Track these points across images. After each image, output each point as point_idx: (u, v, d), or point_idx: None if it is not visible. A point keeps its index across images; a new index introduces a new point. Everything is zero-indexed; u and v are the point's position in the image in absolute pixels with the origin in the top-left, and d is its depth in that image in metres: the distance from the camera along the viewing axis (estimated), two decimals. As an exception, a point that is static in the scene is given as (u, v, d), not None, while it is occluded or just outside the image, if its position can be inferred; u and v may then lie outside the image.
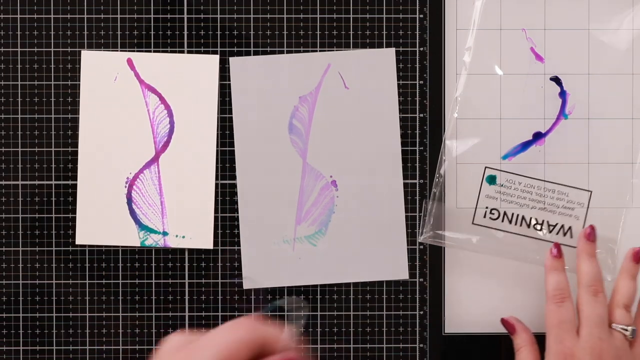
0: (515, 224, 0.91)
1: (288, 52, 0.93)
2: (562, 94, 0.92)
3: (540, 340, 0.88)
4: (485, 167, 0.91)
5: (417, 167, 0.92)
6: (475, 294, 0.93)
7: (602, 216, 0.91)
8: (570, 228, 0.91)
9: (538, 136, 0.91)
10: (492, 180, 0.91)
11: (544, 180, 0.91)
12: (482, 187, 0.91)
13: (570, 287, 0.87)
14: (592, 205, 0.91)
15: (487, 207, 0.91)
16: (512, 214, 0.91)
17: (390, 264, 0.92)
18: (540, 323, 0.92)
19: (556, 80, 0.92)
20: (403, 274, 0.93)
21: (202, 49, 0.93)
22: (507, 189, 0.91)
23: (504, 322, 0.91)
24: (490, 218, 0.91)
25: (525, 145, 0.91)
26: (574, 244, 0.91)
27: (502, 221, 0.91)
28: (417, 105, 0.93)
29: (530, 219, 0.91)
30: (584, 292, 0.86)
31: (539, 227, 0.91)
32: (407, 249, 0.93)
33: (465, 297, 0.93)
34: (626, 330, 0.85)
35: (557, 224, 0.91)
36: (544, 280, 0.89)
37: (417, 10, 0.93)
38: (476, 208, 0.91)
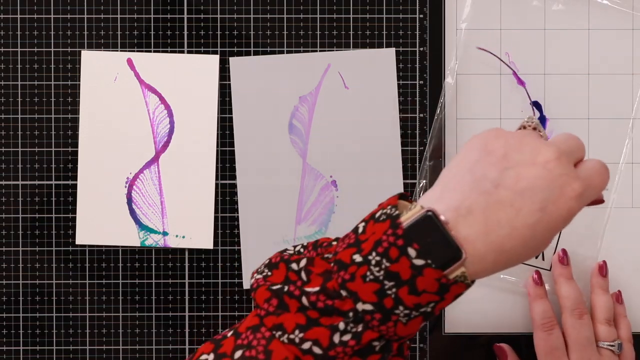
0: None
1: (288, 52, 0.93)
2: (542, 120, 0.92)
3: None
4: None
5: (417, 167, 0.92)
6: (475, 294, 0.93)
7: (579, 237, 0.92)
8: (542, 252, 0.92)
9: None
10: None
11: None
12: None
13: (555, 313, 0.90)
14: (569, 226, 0.92)
15: None
16: None
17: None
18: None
19: (536, 105, 0.92)
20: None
21: (202, 49, 0.93)
22: None
23: (496, 348, 0.92)
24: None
25: None
26: (546, 266, 0.92)
27: None
28: (417, 105, 0.93)
29: None
30: (569, 316, 0.89)
31: None
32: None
33: (466, 297, 0.93)
34: (613, 346, 0.88)
35: None
36: (548, 274, 0.91)
37: (417, 10, 0.93)
38: None
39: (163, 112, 0.93)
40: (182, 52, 0.93)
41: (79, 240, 0.93)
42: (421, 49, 0.93)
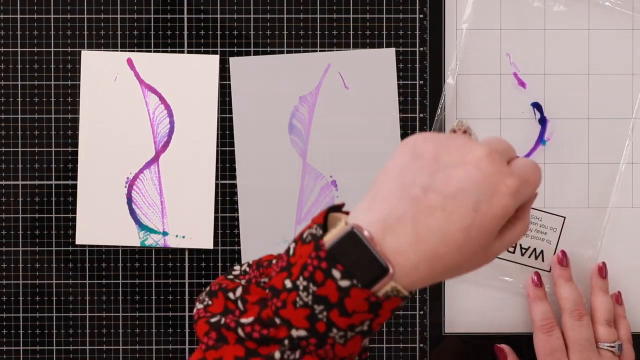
0: None
1: (288, 52, 0.93)
2: (542, 120, 0.92)
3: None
4: None
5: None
6: (475, 294, 0.93)
7: (579, 238, 0.93)
8: (542, 252, 0.92)
9: None
10: None
11: None
12: None
13: (555, 314, 0.90)
14: (569, 227, 0.92)
15: None
16: None
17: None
18: (540, 323, 0.93)
19: (537, 106, 0.92)
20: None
21: (202, 49, 0.93)
22: None
23: (496, 349, 0.92)
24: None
25: None
26: (546, 267, 0.92)
27: None
28: (417, 105, 0.93)
29: None
30: (569, 317, 0.89)
31: (511, 249, 0.92)
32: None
33: (466, 297, 0.93)
34: (613, 347, 0.88)
35: (529, 247, 0.92)
36: (547, 274, 0.91)
37: (417, 10, 0.93)
38: None
39: (163, 112, 0.93)
40: (182, 52, 0.93)
41: (79, 240, 0.93)
42: (421, 49, 0.93)
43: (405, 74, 0.93)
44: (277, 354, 0.60)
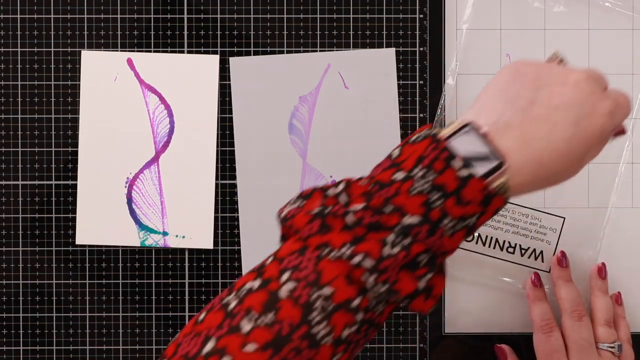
0: (489, 246, 0.92)
1: (288, 52, 0.93)
2: None
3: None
4: None
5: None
6: (475, 294, 0.93)
7: (578, 238, 0.93)
8: (541, 252, 0.92)
9: None
10: None
11: (519, 205, 0.92)
12: None
13: (554, 314, 0.90)
14: (569, 227, 0.92)
15: None
16: (487, 236, 0.92)
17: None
18: (540, 323, 0.93)
19: None
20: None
21: (202, 49, 0.93)
22: None
23: (496, 349, 0.92)
24: (464, 240, 0.92)
25: None
26: (545, 268, 0.92)
27: (477, 243, 0.92)
28: (417, 105, 0.93)
29: (504, 242, 0.92)
30: (568, 318, 0.89)
31: (511, 249, 0.92)
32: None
33: (465, 297, 0.93)
34: (612, 347, 0.88)
35: (529, 248, 0.92)
36: (547, 274, 0.91)
37: (417, 10, 0.93)
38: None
39: (163, 112, 0.93)
40: (182, 52, 0.93)
41: (79, 240, 0.93)
42: (421, 49, 0.93)
43: (405, 74, 0.93)
44: (390, 237, 0.62)
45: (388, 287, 0.62)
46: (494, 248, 0.92)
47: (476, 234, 0.92)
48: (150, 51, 0.93)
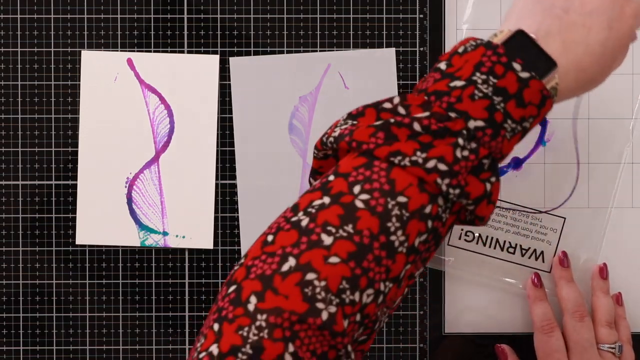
0: (490, 246, 0.92)
1: (288, 52, 0.93)
2: (542, 121, 0.92)
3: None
4: None
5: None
6: (475, 294, 0.93)
7: (579, 238, 0.93)
8: (542, 253, 0.92)
9: (517, 162, 0.91)
10: None
11: (519, 205, 0.92)
12: None
13: (555, 314, 0.90)
14: (569, 227, 0.92)
15: (462, 229, 0.92)
16: (487, 236, 0.92)
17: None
18: (540, 323, 0.93)
19: None
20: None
21: (202, 49, 0.93)
22: None
23: (497, 349, 0.92)
24: (465, 240, 0.92)
25: (503, 171, 0.91)
26: (546, 268, 0.92)
27: (477, 243, 0.92)
28: (417, 105, 0.93)
29: (505, 242, 0.92)
30: (570, 318, 0.89)
31: (512, 250, 0.92)
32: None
33: (466, 297, 0.93)
34: (613, 348, 0.88)
35: (529, 248, 0.92)
36: (547, 274, 0.91)
37: (417, 10, 0.93)
38: (451, 230, 0.92)
39: (163, 112, 0.93)
40: (182, 52, 0.93)
41: (79, 240, 0.93)
42: (421, 49, 0.93)
43: (405, 74, 0.93)
44: (460, 140, 0.63)
45: (460, 191, 0.63)
46: (495, 248, 0.92)
47: (476, 234, 0.92)
48: (150, 51, 0.93)
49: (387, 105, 0.66)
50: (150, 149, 0.93)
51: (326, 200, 0.63)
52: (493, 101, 0.64)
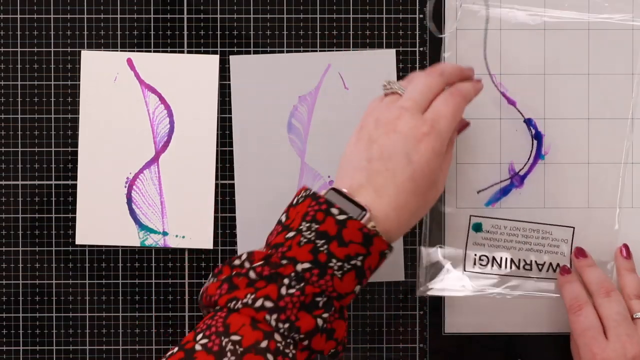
0: (505, 267, 0.92)
1: (288, 52, 0.93)
2: (537, 136, 0.92)
3: (559, 341, 0.89)
4: (470, 216, 0.92)
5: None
6: (475, 294, 0.93)
7: (591, 243, 0.92)
8: (557, 265, 0.92)
9: (517, 180, 0.91)
10: (478, 228, 0.92)
11: (528, 222, 0.92)
12: (469, 236, 0.92)
13: (586, 293, 0.89)
14: (579, 235, 0.92)
15: (475, 255, 0.92)
16: (501, 257, 0.92)
17: (386, 266, 0.92)
18: (542, 324, 0.92)
19: (529, 122, 0.92)
20: (399, 275, 0.93)
21: (202, 49, 0.93)
22: (493, 234, 0.92)
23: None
24: (480, 265, 0.92)
25: (506, 191, 0.91)
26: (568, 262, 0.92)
27: (492, 266, 0.92)
28: (417, 105, 0.93)
29: (519, 260, 0.92)
30: (597, 296, 0.88)
31: (528, 267, 0.92)
32: (407, 249, 0.93)
33: (465, 297, 0.93)
34: None
35: (544, 263, 0.92)
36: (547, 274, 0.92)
37: (417, 10, 0.93)
38: (465, 256, 0.92)
39: (163, 112, 0.93)
40: (182, 52, 0.93)
41: (79, 240, 0.93)
42: (421, 49, 0.93)
43: (405, 74, 0.92)
44: (286, 280, 0.72)
45: (290, 325, 0.71)
46: (511, 268, 0.92)
47: (490, 257, 0.92)
48: (150, 51, 0.93)
49: (237, 262, 0.74)
50: (150, 149, 0.93)
51: (175, 349, 0.71)
52: (316, 244, 0.72)
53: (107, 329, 0.94)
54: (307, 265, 0.72)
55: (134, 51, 0.93)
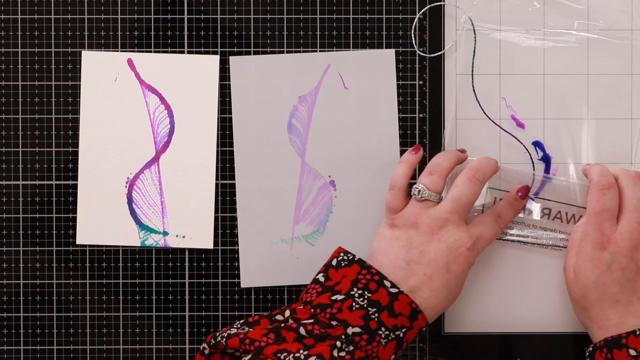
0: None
1: (288, 52, 0.93)
2: (545, 158, 0.92)
3: (558, 341, 0.89)
4: None
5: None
6: (474, 293, 0.93)
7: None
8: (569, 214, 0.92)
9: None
10: None
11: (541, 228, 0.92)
12: None
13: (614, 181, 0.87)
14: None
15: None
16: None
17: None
18: (542, 324, 0.92)
19: (537, 144, 0.92)
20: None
21: (202, 49, 0.93)
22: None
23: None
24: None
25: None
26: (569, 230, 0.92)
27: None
28: (417, 105, 0.93)
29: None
30: (624, 176, 0.87)
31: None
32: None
33: (465, 297, 0.93)
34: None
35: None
36: (546, 274, 0.93)
37: (417, 10, 0.93)
38: None
39: (163, 112, 0.93)
40: (182, 52, 0.93)
41: (79, 240, 0.93)
42: (421, 49, 0.93)
43: (405, 74, 0.93)
44: (338, 343, 0.77)
45: None
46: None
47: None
48: (150, 51, 0.93)
49: (279, 317, 0.80)
50: (151, 149, 0.93)
51: None
52: (368, 311, 0.79)
53: (107, 329, 0.94)
54: (357, 329, 0.79)
55: (134, 51, 0.93)
